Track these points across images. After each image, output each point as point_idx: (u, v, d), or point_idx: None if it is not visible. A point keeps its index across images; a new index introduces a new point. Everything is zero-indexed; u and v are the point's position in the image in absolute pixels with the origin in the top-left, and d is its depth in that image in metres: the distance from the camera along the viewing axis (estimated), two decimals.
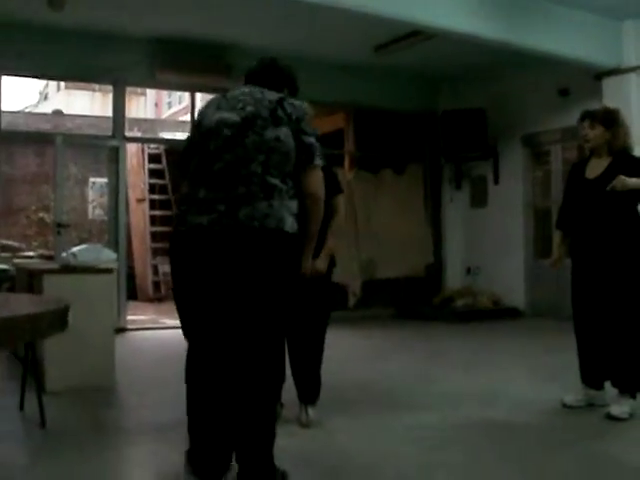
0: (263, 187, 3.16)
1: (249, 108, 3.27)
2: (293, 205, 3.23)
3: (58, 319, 2.48)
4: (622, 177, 4.46)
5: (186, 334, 3.34)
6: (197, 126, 3.41)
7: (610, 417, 4.53)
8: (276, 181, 3.18)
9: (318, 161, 3.32)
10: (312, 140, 3.32)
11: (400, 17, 7.23)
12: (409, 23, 7.60)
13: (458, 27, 7.58)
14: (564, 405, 4.88)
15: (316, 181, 3.32)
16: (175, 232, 3.32)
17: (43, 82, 23.21)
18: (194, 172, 3.33)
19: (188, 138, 3.55)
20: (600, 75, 8.90)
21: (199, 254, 3.18)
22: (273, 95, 3.34)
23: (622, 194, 4.51)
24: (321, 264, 4.22)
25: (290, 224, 3.18)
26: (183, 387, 3.36)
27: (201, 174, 3.28)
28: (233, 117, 3.26)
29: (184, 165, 3.45)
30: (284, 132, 3.23)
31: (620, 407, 4.57)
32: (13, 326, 2.35)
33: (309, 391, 4.52)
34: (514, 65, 9.69)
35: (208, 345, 3.25)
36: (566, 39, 8.28)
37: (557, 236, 5.17)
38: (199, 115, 3.46)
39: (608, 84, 8.85)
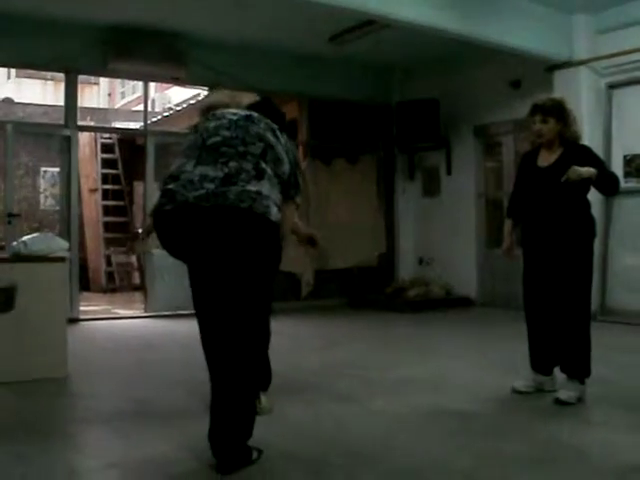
0: (256, 167, 3.27)
1: (232, 163, 3.29)
2: (279, 197, 3.36)
3: (4, 298, 2.44)
4: (575, 167, 4.53)
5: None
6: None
7: (559, 402, 4.62)
8: (268, 169, 3.31)
9: (298, 200, 3.58)
10: (298, 177, 3.54)
11: (353, 7, 7.23)
12: (363, 12, 7.60)
13: (412, 17, 7.60)
14: (514, 391, 4.96)
15: (290, 217, 3.57)
16: (161, 211, 3.33)
17: None
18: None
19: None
20: (552, 68, 9.02)
21: (184, 230, 3.26)
22: (264, 127, 3.48)
23: (574, 183, 4.58)
24: None
25: (275, 214, 3.28)
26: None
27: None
28: (216, 174, 3.26)
29: None
30: (281, 151, 3.41)
31: (568, 392, 4.66)
32: None
33: (260, 377, 4.52)
34: (467, 56, 9.78)
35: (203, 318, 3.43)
36: (519, 31, 8.37)
37: (507, 224, 5.23)
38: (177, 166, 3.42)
39: (559, 77, 8.98)
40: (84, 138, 13.23)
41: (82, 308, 9.50)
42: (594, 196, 4.92)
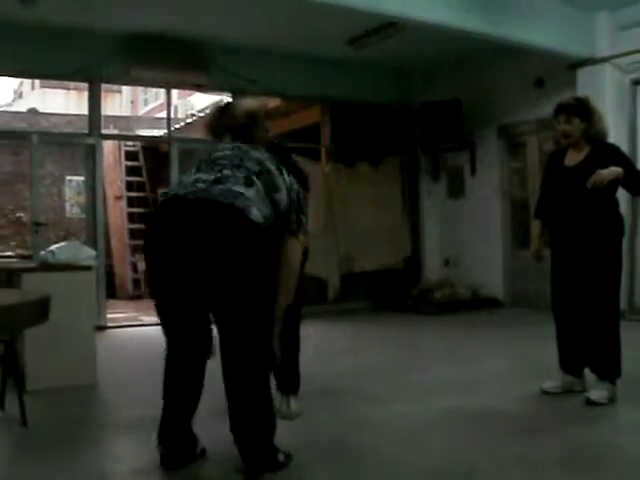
0: (247, 177, 3.36)
1: (225, 171, 3.43)
2: (264, 208, 3.35)
3: (39, 309, 2.47)
4: (600, 171, 4.49)
5: (158, 312, 3.61)
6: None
7: (589, 402, 4.58)
8: (259, 183, 3.38)
9: (301, 238, 3.59)
10: (302, 217, 3.59)
11: (373, 9, 7.21)
12: (383, 15, 7.59)
13: (432, 18, 7.57)
14: (543, 392, 4.93)
15: (293, 252, 3.58)
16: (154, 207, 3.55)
17: (17, 81, 23.02)
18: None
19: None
20: (574, 65, 8.95)
21: (166, 219, 3.38)
22: (266, 156, 3.57)
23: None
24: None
25: (255, 215, 3.28)
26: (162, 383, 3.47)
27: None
28: (209, 177, 3.43)
29: None
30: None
31: (599, 392, 4.62)
32: None
33: (289, 381, 4.54)
34: (489, 56, 9.73)
35: (175, 318, 3.54)
36: (540, 30, 8.31)
37: (536, 226, 5.19)
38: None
39: (582, 74, 8.91)
40: (108, 146, 13.32)
41: (109, 315, 9.55)
42: (621, 194, 4.88)
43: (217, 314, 3.40)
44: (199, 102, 16.66)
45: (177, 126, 13.15)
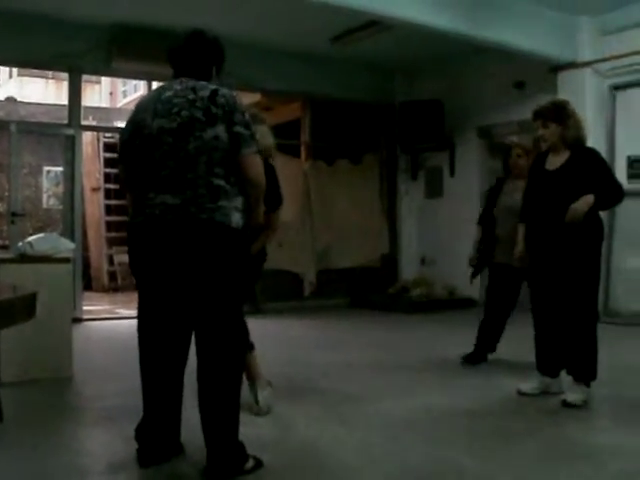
0: (209, 189, 3.29)
1: (184, 112, 3.35)
2: (239, 202, 3.37)
3: (26, 306, 2.44)
4: (573, 206, 4.54)
5: (140, 314, 3.56)
6: (137, 128, 3.49)
7: (565, 404, 4.63)
8: (221, 182, 3.32)
9: (246, 150, 3.34)
10: (240, 129, 3.34)
11: (358, 7, 7.22)
12: (367, 13, 7.58)
13: (416, 18, 7.59)
14: (520, 393, 4.97)
15: (249, 167, 3.36)
16: (130, 223, 3.52)
17: None
18: (143, 179, 3.45)
19: (124, 133, 3.62)
20: (556, 69, 9.00)
21: (151, 241, 3.37)
22: (205, 91, 3.40)
23: (581, 187, 4.59)
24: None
25: (236, 221, 3.33)
26: (139, 377, 3.46)
27: (149, 180, 3.41)
28: (171, 124, 3.35)
29: (124, 159, 3.62)
30: (221, 130, 3.32)
31: (575, 394, 4.67)
32: None
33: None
34: (471, 57, 9.77)
35: (159, 325, 3.49)
36: (523, 32, 8.35)
37: (521, 229, 5.15)
38: (136, 113, 3.56)
39: (564, 78, 8.96)
40: (86, 137, 13.16)
41: (85, 308, 9.49)
42: None
43: (197, 314, 3.40)
44: None
45: None
